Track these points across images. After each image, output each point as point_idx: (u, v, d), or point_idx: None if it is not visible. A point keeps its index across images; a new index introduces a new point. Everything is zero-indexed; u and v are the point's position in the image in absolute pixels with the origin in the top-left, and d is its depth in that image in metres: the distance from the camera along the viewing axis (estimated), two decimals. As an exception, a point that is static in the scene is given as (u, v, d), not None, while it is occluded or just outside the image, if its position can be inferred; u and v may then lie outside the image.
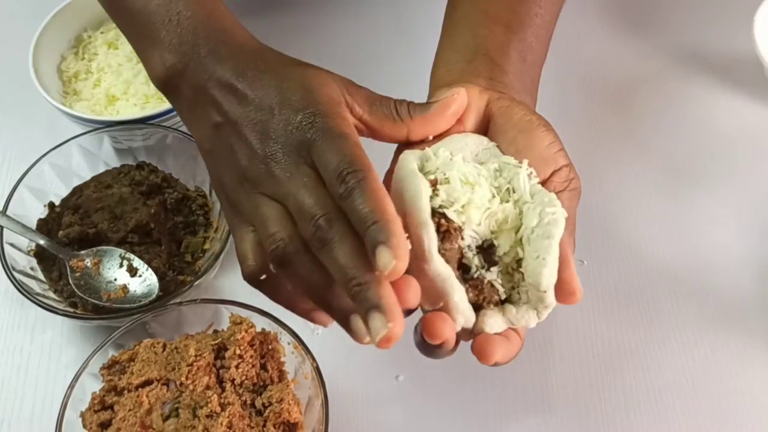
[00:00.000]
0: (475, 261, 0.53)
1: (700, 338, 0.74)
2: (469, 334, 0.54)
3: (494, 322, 0.53)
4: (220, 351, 0.67)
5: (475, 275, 0.54)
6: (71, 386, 0.66)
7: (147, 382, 0.65)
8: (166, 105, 0.82)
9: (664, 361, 0.73)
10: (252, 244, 0.54)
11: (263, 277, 0.54)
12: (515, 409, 0.71)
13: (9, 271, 0.73)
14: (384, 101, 0.56)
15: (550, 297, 0.53)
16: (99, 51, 0.91)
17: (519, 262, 0.54)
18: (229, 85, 0.55)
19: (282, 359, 0.68)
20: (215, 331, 0.69)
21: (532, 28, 0.65)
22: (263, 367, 0.67)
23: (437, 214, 0.52)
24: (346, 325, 0.50)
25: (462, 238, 0.53)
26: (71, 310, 0.73)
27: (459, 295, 0.52)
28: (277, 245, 0.51)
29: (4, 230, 0.75)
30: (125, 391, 0.65)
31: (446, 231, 0.52)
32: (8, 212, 0.76)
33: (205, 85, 0.56)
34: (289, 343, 0.68)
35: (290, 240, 0.51)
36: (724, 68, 0.92)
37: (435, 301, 0.52)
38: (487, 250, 0.54)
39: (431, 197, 0.52)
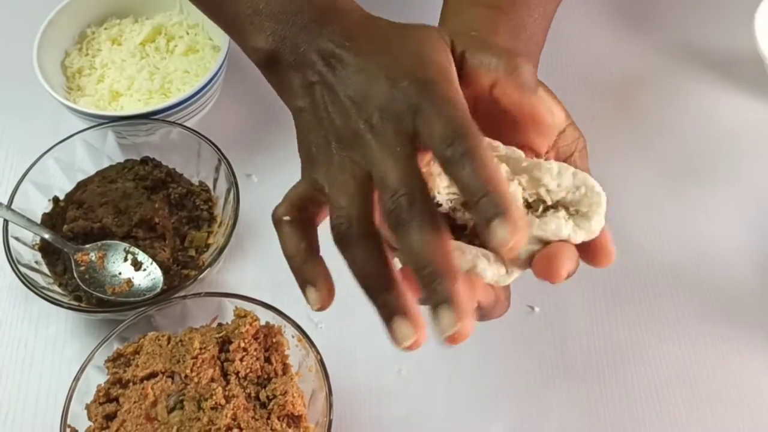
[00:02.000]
0: (467, 217, 0.50)
1: (702, 332, 0.74)
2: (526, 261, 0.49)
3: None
4: (224, 344, 0.67)
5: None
6: (76, 379, 0.66)
7: (152, 375, 0.65)
8: (170, 100, 0.82)
9: (665, 355, 0.73)
10: (297, 192, 0.51)
11: (287, 218, 0.51)
12: (517, 402, 0.71)
13: (14, 264, 0.73)
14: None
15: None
16: (102, 47, 0.91)
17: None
18: (331, 50, 0.52)
19: (286, 352, 0.68)
20: (219, 325, 0.69)
21: (524, 7, 0.64)
22: (267, 359, 0.67)
23: None
24: (388, 323, 0.46)
25: (438, 204, 0.49)
26: (76, 303, 0.74)
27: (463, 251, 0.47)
28: (341, 222, 0.47)
29: (9, 224, 0.75)
30: (130, 384, 0.65)
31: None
32: (13, 206, 0.76)
33: (306, 50, 0.53)
34: (293, 336, 0.68)
35: (357, 221, 0.47)
36: (724, 65, 0.92)
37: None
38: None
39: None
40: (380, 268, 0.46)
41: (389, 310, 0.46)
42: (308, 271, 0.50)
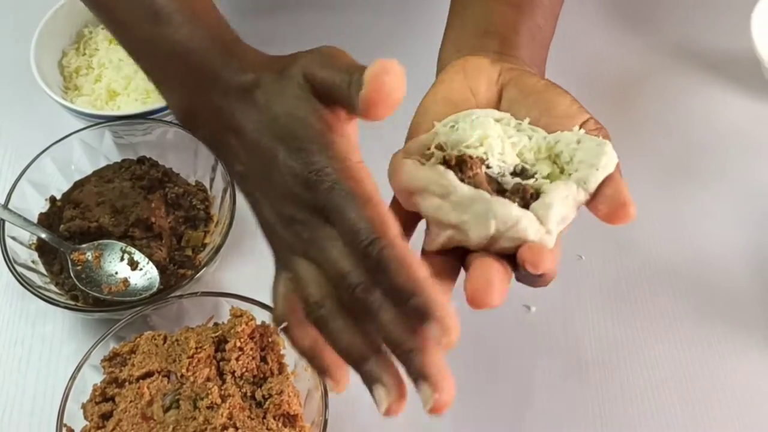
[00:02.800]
0: (513, 182, 0.51)
1: (698, 332, 0.74)
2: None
3: (551, 207, 0.50)
4: (220, 343, 0.67)
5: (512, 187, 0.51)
6: (72, 378, 0.66)
7: (148, 374, 0.65)
8: (167, 100, 0.82)
9: (661, 354, 0.73)
10: (282, 291, 0.51)
11: (283, 325, 0.51)
12: (514, 402, 0.71)
13: (11, 264, 0.73)
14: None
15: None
16: (100, 47, 0.91)
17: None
18: (233, 128, 0.52)
19: (282, 352, 0.68)
20: (215, 324, 0.69)
21: (541, 9, 0.65)
22: (263, 359, 0.67)
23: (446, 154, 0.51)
24: (370, 389, 0.48)
25: (488, 167, 0.51)
26: (72, 302, 0.74)
27: (502, 205, 0.48)
28: (311, 309, 0.48)
29: (6, 224, 0.75)
30: (126, 383, 0.66)
31: (461, 161, 0.50)
32: (10, 206, 0.76)
33: (215, 130, 0.54)
34: (288, 336, 0.68)
35: (325, 303, 0.48)
36: (721, 66, 0.92)
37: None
38: (523, 174, 0.52)
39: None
40: (356, 341, 0.47)
41: (369, 378, 0.47)
42: (320, 362, 0.51)
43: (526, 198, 0.50)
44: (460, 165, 0.50)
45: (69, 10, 0.91)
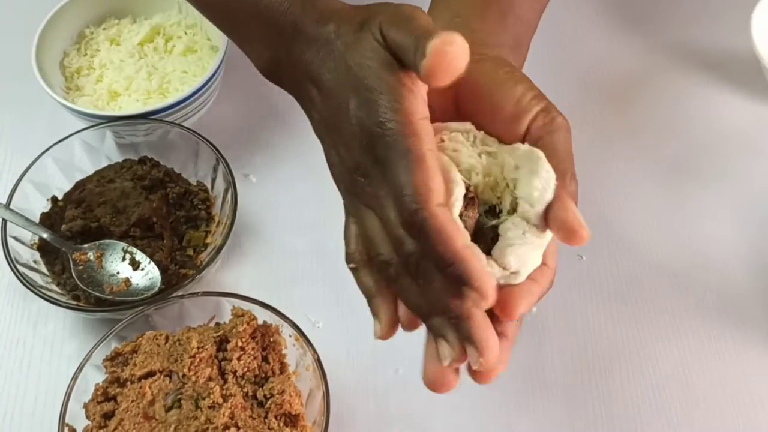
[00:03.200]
0: (488, 223, 0.52)
1: (698, 331, 0.75)
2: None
3: (508, 248, 0.50)
4: (221, 343, 0.67)
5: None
6: (74, 378, 0.66)
7: (150, 374, 0.65)
8: (168, 100, 0.83)
9: (661, 354, 0.73)
10: (353, 233, 0.53)
11: (352, 265, 0.53)
12: (514, 402, 0.71)
13: (12, 264, 0.73)
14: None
15: (543, 198, 0.50)
16: (101, 47, 0.91)
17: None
18: (311, 77, 0.54)
19: (283, 351, 0.68)
20: (217, 324, 0.69)
21: None
22: (265, 359, 0.67)
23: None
24: (436, 341, 0.51)
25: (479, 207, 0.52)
26: (74, 302, 0.74)
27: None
28: (380, 265, 0.51)
29: (8, 224, 0.75)
30: (128, 383, 0.66)
31: (472, 198, 0.51)
32: (12, 206, 0.76)
33: (296, 78, 0.56)
34: (290, 336, 0.68)
35: (393, 261, 0.50)
36: (721, 66, 0.92)
37: None
38: (493, 212, 0.52)
39: None
40: (422, 299, 0.50)
41: (436, 332, 0.50)
42: (374, 306, 0.53)
43: (487, 242, 0.51)
44: (470, 199, 0.51)
45: (71, 11, 0.91)
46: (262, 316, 0.69)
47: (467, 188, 0.50)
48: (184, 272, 0.75)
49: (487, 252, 0.50)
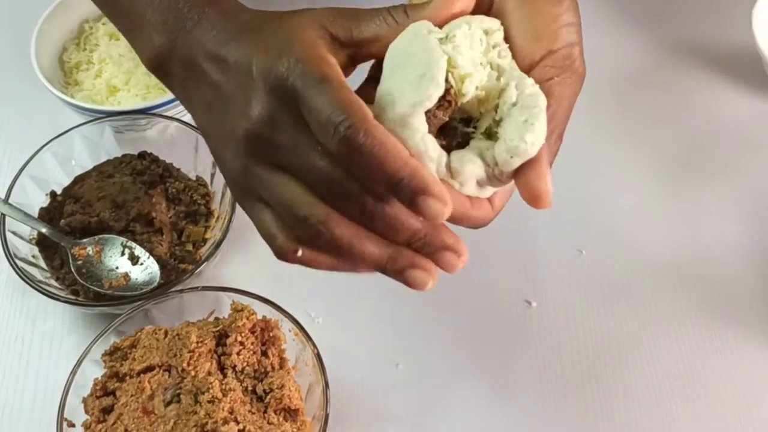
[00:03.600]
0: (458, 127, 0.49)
1: (698, 327, 0.74)
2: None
3: (469, 163, 0.47)
4: (221, 338, 0.67)
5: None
6: (73, 372, 0.66)
7: (149, 368, 0.65)
8: (168, 96, 0.82)
9: (662, 350, 0.73)
10: (276, 222, 0.48)
11: (300, 253, 0.48)
12: (514, 398, 0.71)
13: (11, 258, 0.73)
14: (375, 13, 0.49)
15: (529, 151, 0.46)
16: (100, 42, 0.91)
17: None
18: (214, 54, 0.50)
19: (283, 346, 0.68)
20: (216, 319, 0.69)
21: None
22: (264, 353, 0.67)
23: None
24: (405, 279, 0.47)
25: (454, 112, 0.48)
26: (73, 297, 0.74)
27: (423, 139, 0.46)
28: (317, 230, 0.46)
29: (7, 218, 0.75)
30: (127, 377, 0.65)
31: (449, 102, 0.47)
32: (10, 201, 0.76)
33: (193, 60, 0.52)
34: (290, 330, 0.68)
35: (327, 219, 0.45)
36: (723, 61, 0.92)
37: None
38: (466, 123, 0.49)
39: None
40: (371, 249, 0.46)
41: (401, 270, 0.47)
42: (346, 267, 0.49)
43: (451, 145, 0.48)
44: (446, 101, 0.47)
45: (69, 5, 0.91)
46: (262, 310, 0.68)
47: (447, 91, 0.46)
48: (183, 267, 0.75)
49: (447, 150, 0.47)
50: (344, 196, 0.45)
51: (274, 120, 0.46)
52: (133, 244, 0.75)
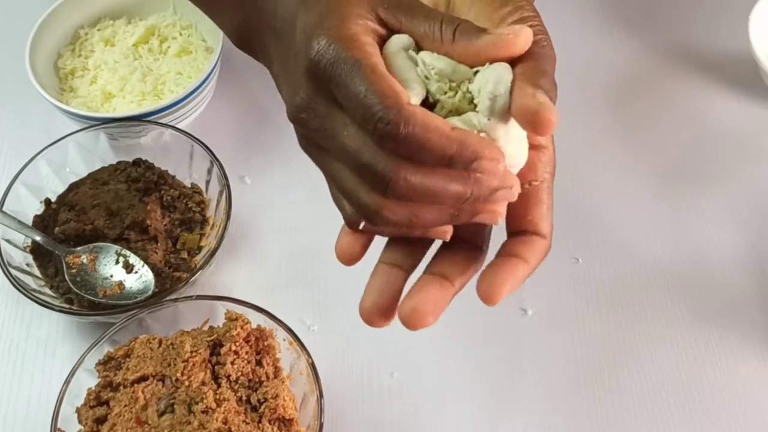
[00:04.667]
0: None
1: (694, 335, 0.74)
2: None
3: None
4: (215, 347, 0.67)
5: None
6: (67, 382, 0.66)
7: (142, 378, 0.65)
8: (163, 102, 0.82)
9: (658, 358, 0.73)
10: (335, 194, 0.48)
11: (362, 226, 0.47)
12: (507, 406, 0.71)
13: (5, 267, 0.73)
14: (430, 15, 0.47)
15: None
16: (95, 48, 0.91)
17: None
18: (272, 27, 0.50)
19: (277, 355, 0.68)
20: (211, 328, 0.69)
21: None
22: (259, 363, 0.67)
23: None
24: (479, 220, 0.46)
25: None
26: (67, 306, 0.74)
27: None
28: (372, 218, 0.45)
29: (0, 226, 0.75)
30: (121, 387, 0.65)
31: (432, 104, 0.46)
32: (4, 208, 0.76)
33: (260, 33, 0.52)
34: (284, 340, 0.68)
35: (380, 206, 0.45)
36: (719, 67, 0.92)
37: None
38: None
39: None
40: (431, 217, 0.45)
41: (469, 214, 0.46)
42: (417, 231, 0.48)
43: None
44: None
45: (65, 11, 0.91)
46: (256, 319, 0.68)
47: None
48: (178, 275, 0.75)
49: None
50: (380, 181, 0.44)
51: (312, 107, 0.46)
52: (128, 253, 0.75)
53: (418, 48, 0.48)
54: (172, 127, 0.82)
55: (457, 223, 0.47)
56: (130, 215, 0.76)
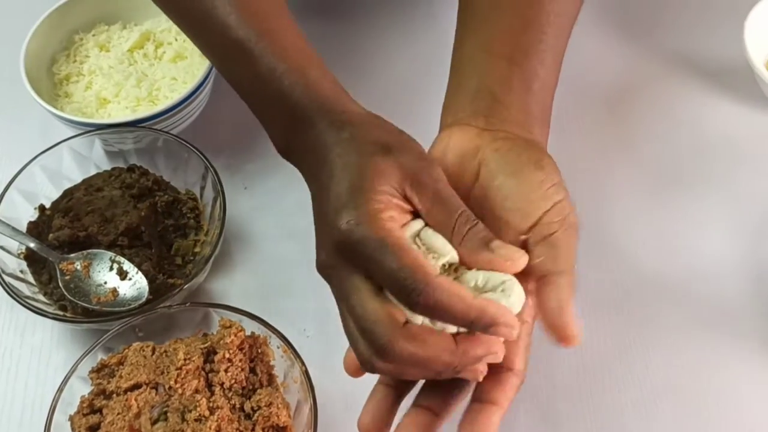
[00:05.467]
0: None
1: (690, 341, 0.74)
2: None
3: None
4: (209, 355, 0.67)
5: None
6: (60, 390, 0.66)
7: (136, 386, 0.65)
8: (157, 108, 0.82)
9: (652, 363, 0.73)
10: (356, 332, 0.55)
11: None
12: (506, 411, 0.71)
13: (-1, 274, 0.73)
14: (447, 208, 0.54)
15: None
16: (90, 53, 0.91)
17: None
18: (312, 170, 0.58)
19: (271, 363, 0.68)
20: (204, 335, 0.69)
21: (536, 55, 0.64)
22: (252, 370, 0.67)
23: None
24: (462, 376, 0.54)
25: None
26: (61, 313, 0.73)
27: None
28: (365, 365, 0.54)
29: (-6, 233, 0.75)
30: (114, 395, 0.65)
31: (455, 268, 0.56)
32: (-2, 215, 0.76)
33: (304, 167, 0.60)
34: (278, 347, 0.68)
35: (372, 359, 0.53)
36: (714, 73, 0.92)
37: None
38: None
39: None
40: (413, 374, 0.54)
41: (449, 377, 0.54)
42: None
43: None
44: None
45: (59, 17, 0.90)
46: (250, 327, 0.68)
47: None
48: (172, 282, 0.75)
49: None
50: (377, 345, 0.52)
51: (333, 267, 0.54)
52: (122, 259, 0.75)
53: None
54: (167, 133, 0.82)
55: (440, 378, 0.54)
56: (124, 221, 0.76)
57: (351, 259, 0.52)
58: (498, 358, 0.53)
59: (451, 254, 0.53)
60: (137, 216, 0.77)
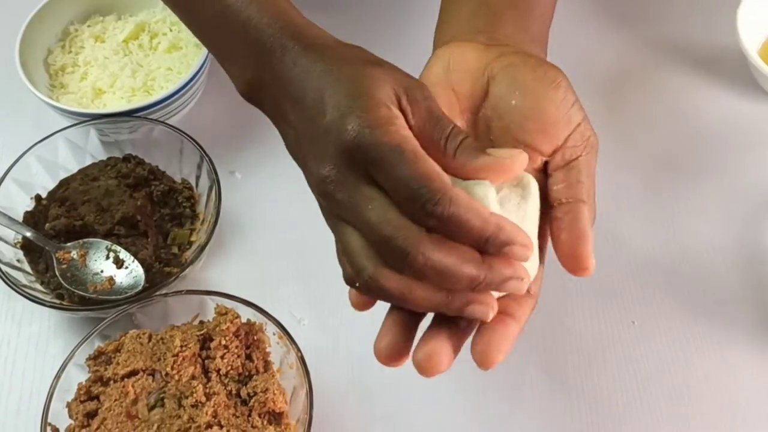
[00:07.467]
0: None
1: (684, 328, 0.75)
2: None
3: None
4: (205, 341, 0.67)
5: None
6: (57, 377, 0.66)
7: (133, 373, 0.65)
8: (153, 98, 0.82)
9: (647, 350, 0.73)
10: (341, 255, 0.51)
11: (357, 284, 0.50)
12: (498, 401, 0.71)
13: (-5, 263, 0.73)
14: (440, 124, 0.50)
15: None
16: (86, 44, 0.91)
17: None
18: (292, 95, 0.52)
19: (267, 349, 0.68)
20: (201, 322, 0.69)
21: (527, 6, 0.62)
22: (248, 357, 0.67)
23: None
24: (465, 315, 0.48)
25: None
26: (58, 301, 0.74)
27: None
28: (368, 284, 0.48)
29: (-9, 223, 0.75)
30: (111, 382, 0.65)
31: None
32: (-5, 205, 0.76)
33: (276, 98, 0.54)
34: (274, 334, 0.68)
35: (377, 275, 0.47)
36: (707, 61, 0.92)
37: None
38: None
39: None
40: (426, 294, 0.47)
41: (461, 307, 0.48)
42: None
43: None
44: None
45: (55, 7, 0.90)
46: (246, 314, 0.68)
47: None
48: (168, 270, 0.75)
49: None
50: (399, 254, 0.46)
51: (340, 181, 0.48)
52: (118, 248, 0.75)
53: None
54: (163, 122, 0.82)
55: (447, 310, 0.48)
56: (120, 211, 0.77)
57: (362, 167, 0.47)
58: (521, 288, 0.48)
59: None
60: (133, 205, 0.77)
